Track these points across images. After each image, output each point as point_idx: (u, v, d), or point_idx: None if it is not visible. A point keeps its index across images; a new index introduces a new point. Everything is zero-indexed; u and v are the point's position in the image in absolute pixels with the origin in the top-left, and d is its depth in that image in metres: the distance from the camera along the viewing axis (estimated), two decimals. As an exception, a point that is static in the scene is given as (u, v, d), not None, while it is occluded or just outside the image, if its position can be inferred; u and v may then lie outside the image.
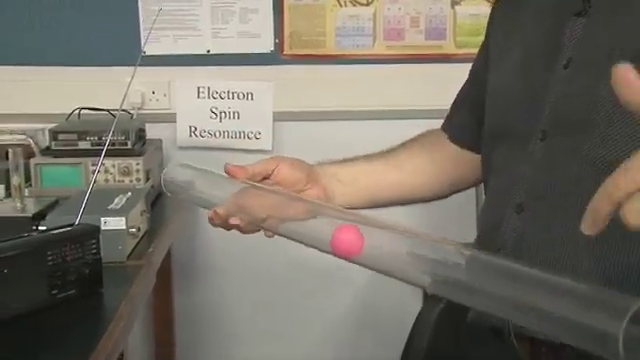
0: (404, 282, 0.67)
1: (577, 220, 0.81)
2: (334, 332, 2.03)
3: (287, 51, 1.93)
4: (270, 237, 0.85)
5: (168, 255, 1.83)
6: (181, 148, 1.93)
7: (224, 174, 0.93)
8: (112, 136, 1.56)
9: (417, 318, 1.19)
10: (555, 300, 0.55)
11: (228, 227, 0.87)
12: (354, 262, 0.71)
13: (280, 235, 0.82)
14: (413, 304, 1.53)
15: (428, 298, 1.30)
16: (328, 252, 0.72)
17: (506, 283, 0.59)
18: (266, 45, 1.93)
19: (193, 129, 1.93)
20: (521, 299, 0.57)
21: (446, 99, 1.16)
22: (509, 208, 0.88)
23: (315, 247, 0.76)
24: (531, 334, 0.85)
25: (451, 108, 1.13)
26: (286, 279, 2.00)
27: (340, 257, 0.70)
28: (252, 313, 2.02)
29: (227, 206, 0.85)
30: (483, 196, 1.04)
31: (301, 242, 0.78)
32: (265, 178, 0.91)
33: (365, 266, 0.70)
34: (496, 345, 0.91)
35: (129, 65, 1.18)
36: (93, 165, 1.57)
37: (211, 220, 0.87)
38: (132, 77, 1.12)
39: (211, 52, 1.93)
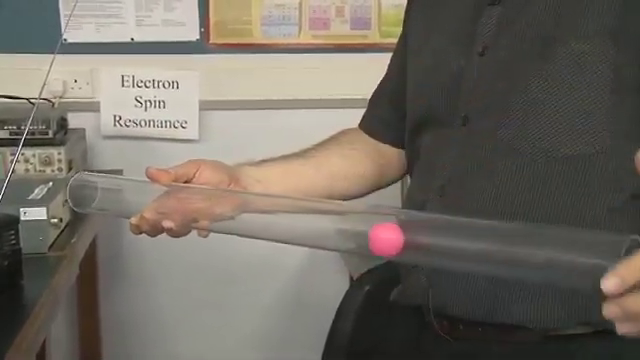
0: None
1: (496, 201, 0.85)
2: (263, 319, 2.04)
3: (213, 40, 1.92)
4: (205, 237, 0.85)
5: (93, 245, 1.80)
6: (105, 137, 1.90)
7: (135, 178, 0.90)
8: (32, 125, 1.53)
9: (342, 301, 1.21)
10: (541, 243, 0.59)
11: (156, 232, 0.85)
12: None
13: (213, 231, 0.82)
14: (341, 289, 1.56)
15: (354, 282, 1.32)
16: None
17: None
18: (192, 33, 1.92)
19: (118, 118, 1.90)
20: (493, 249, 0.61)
21: (371, 88, 1.18)
22: (432, 191, 0.91)
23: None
24: (449, 312, 0.89)
25: (370, 104, 1.14)
26: (215, 269, 1.99)
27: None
28: (180, 303, 2.01)
29: (152, 211, 0.83)
30: (408, 181, 1.07)
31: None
32: (187, 181, 0.90)
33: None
34: (417, 323, 0.94)
35: (49, 53, 1.16)
36: (12, 155, 1.53)
37: (136, 227, 0.84)
38: (51, 65, 1.09)
39: (135, 40, 1.90)
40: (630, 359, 0.83)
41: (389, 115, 1.09)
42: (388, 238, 0.65)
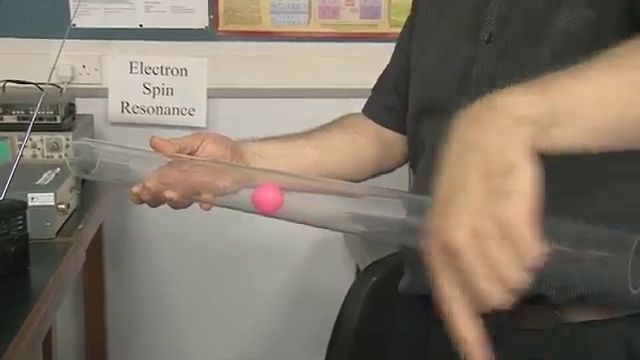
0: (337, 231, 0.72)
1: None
2: (268, 310, 2.04)
3: (222, 27, 1.91)
4: (207, 210, 0.85)
5: (99, 232, 1.80)
6: (113, 124, 1.90)
7: (137, 148, 0.90)
8: (40, 110, 1.52)
9: (349, 292, 1.21)
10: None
11: (157, 203, 0.85)
12: (280, 217, 0.74)
13: (214, 205, 0.83)
14: (348, 280, 1.56)
15: (361, 272, 1.32)
16: (253, 211, 0.74)
17: None
18: (201, 21, 1.91)
19: (125, 105, 1.90)
20: None
21: (380, 78, 1.17)
22: None
23: (241, 209, 0.77)
24: None
25: (374, 90, 1.13)
26: (222, 257, 1.99)
27: (263, 214, 0.73)
28: (186, 292, 2.01)
29: (154, 180, 0.83)
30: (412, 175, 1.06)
31: (228, 207, 0.79)
32: (190, 154, 0.90)
33: (292, 220, 0.73)
34: (425, 314, 0.93)
35: (58, 38, 1.15)
36: (20, 140, 1.53)
37: (137, 196, 0.85)
38: (60, 50, 1.09)
39: (144, 26, 1.89)
40: None
41: (393, 101, 1.08)
42: (269, 197, 0.70)
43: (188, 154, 0.89)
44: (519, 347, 0.86)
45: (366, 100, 1.15)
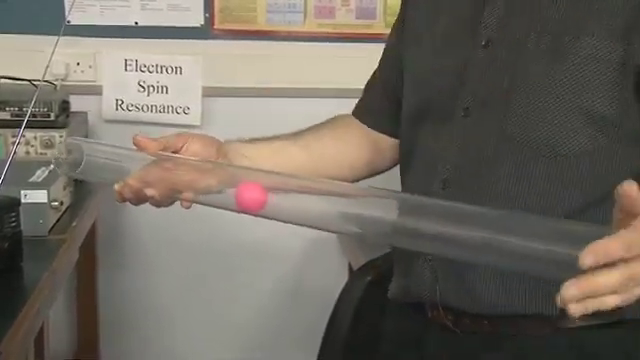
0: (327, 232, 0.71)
1: (499, 193, 0.85)
2: (261, 309, 2.04)
3: (217, 26, 1.91)
4: (187, 208, 0.85)
5: (93, 229, 1.80)
6: (107, 121, 1.90)
7: (122, 146, 0.89)
8: (34, 107, 1.52)
9: (341, 292, 1.21)
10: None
11: (139, 200, 0.85)
12: (265, 216, 0.74)
13: (196, 203, 0.83)
14: (341, 280, 1.56)
15: (354, 272, 1.32)
16: (235, 210, 0.74)
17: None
18: (196, 19, 1.91)
19: (120, 102, 1.90)
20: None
21: (375, 78, 1.17)
22: (435, 184, 0.90)
23: (223, 207, 0.77)
24: (455, 305, 0.88)
25: (364, 92, 1.13)
26: (214, 255, 1.99)
27: (245, 212, 0.73)
28: (179, 289, 2.01)
29: (137, 178, 0.83)
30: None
31: (212, 205, 0.79)
32: (174, 153, 0.90)
33: (278, 219, 0.74)
34: (417, 319, 0.93)
35: (52, 34, 1.15)
36: (13, 137, 1.53)
37: (119, 194, 0.84)
38: (54, 46, 1.09)
39: (139, 24, 1.89)
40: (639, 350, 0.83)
41: (382, 104, 1.08)
42: (252, 196, 0.71)
43: (172, 152, 0.89)
44: (518, 353, 0.86)
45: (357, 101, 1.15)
